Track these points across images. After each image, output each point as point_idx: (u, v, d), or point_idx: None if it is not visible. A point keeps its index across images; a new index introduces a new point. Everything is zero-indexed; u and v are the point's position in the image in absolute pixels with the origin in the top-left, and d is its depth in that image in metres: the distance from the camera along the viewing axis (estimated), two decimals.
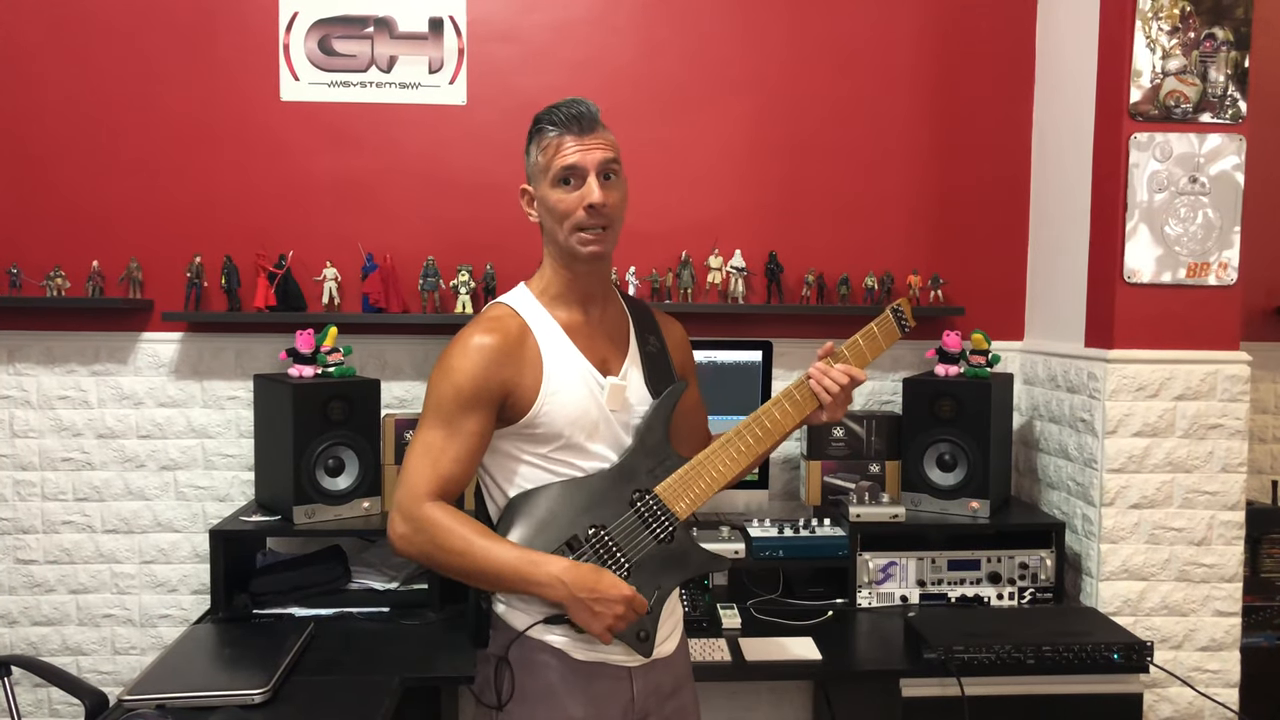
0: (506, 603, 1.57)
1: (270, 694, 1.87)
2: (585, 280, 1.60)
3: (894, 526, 2.46)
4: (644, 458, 1.58)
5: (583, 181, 1.52)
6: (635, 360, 1.64)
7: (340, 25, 2.72)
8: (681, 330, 1.78)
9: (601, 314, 1.63)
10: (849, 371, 1.62)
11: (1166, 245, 2.35)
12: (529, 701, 1.55)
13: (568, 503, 1.53)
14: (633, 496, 1.56)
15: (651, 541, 1.55)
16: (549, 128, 1.54)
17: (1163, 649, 2.37)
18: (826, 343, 1.66)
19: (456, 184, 2.75)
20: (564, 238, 1.54)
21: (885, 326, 1.70)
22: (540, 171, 1.55)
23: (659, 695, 1.62)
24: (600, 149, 1.52)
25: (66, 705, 2.73)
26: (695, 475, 1.59)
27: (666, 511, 1.57)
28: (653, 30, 2.77)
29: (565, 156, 1.51)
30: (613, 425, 1.58)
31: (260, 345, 2.73)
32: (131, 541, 2.74)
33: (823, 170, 2.83)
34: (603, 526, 1.54)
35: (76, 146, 2.68)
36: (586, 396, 1.55)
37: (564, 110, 1.53)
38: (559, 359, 1.55)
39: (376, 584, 2.50)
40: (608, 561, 1.52)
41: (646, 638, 1.54)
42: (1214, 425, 2.36)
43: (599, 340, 1.61)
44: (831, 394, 1.61)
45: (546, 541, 1.51)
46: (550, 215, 1.55)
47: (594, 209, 1.51)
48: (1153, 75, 2.34)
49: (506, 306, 1.59)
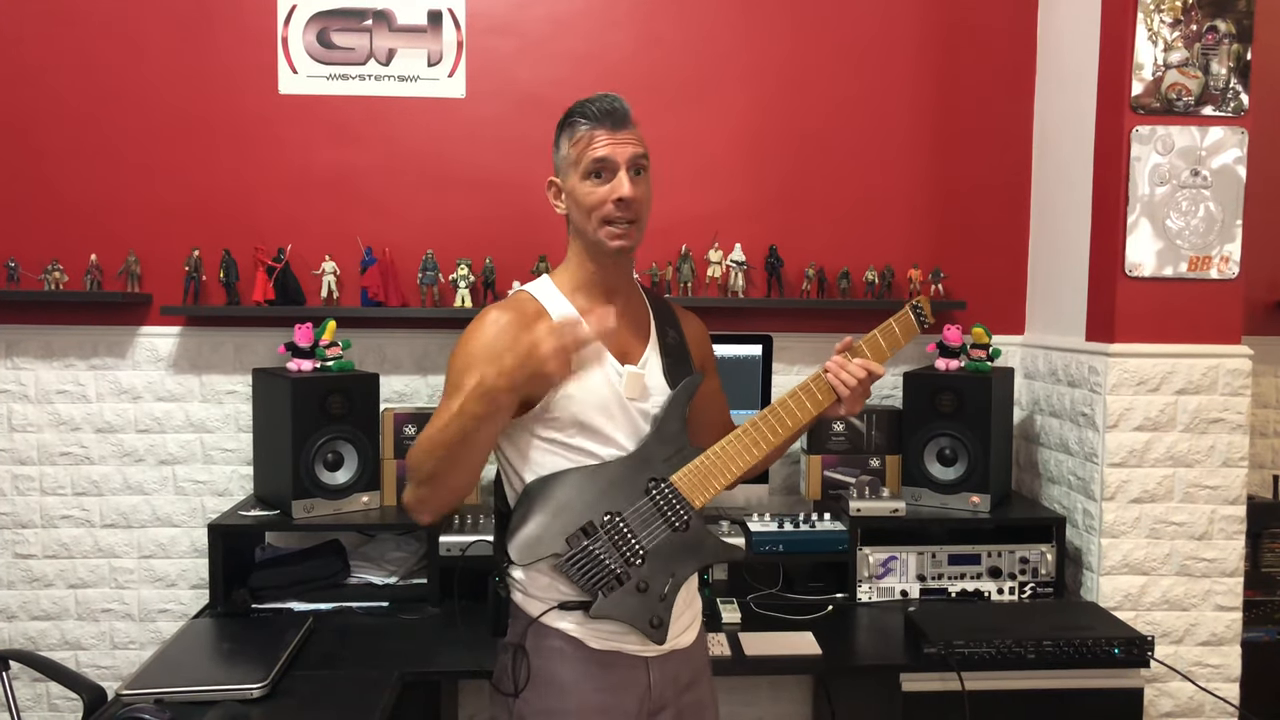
0: (522, 590, 1.58)
1: (269, 689, 1.86)
2: (610, 274, 1.61)
3: (894, 521, 2.45)
4: (661, 446, 1.59)
5: (613, 175, 1.53)
6: (655, 351, 1.65)
7: (339, 18, 2.71)
8: (701, 325, 1.79)
9: (624, 306, 1.63)
10: (867, 366, 1.63)
11: (1168, 239, 2.34)
12: (544, 689, 1.55)
13: (584, 489, 1.54)
14: (648, 485, 1.57)
15: (666, 529, 1.56)
16: (581, 121, 1.55)
17: (1163, 644, 2.37)
18: (845, 337, 1.67)
19: (455, 177, 2.74)
20: (592, 231, 1.55)
21: (904, 323, 1.69)
22: (570, 164, 1.56)
23: (676, 686, 1.62)
24: (631, 144, 1.54)
25: (65, 700, 2.73)
26: (711, 465, 1.60)
27: (682, 500, 1.58)
28: (653, 23, 2.76)
29: (596, 149, 1.52)
30: (630, 413, 1.58)
31: (259, 339, 2.72)
32: (130, 536, 2.73)
33: (823, 164, 2.82)
34: (618, 513, 1.54)
35: (74, 140, 2.67)
36: (604, 383, 1.56)
37: (597, 105, 1.54)
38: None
39: (375, 578, 2.49)
40: (622, 548, 1.53)
41: (660, 624, 1.55)
42: (1215, 419, 2.35)
43: (620, 330, 1.61)
44: (849, 387, 1.62)
45: (562, 527, 1.52)
46: (579, 208, 1.56)
47: (623, 203, 1.52)
48: (1154, 68, 2.33)
49: (526, 293, 1.62)
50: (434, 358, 2.77)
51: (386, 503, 2.53)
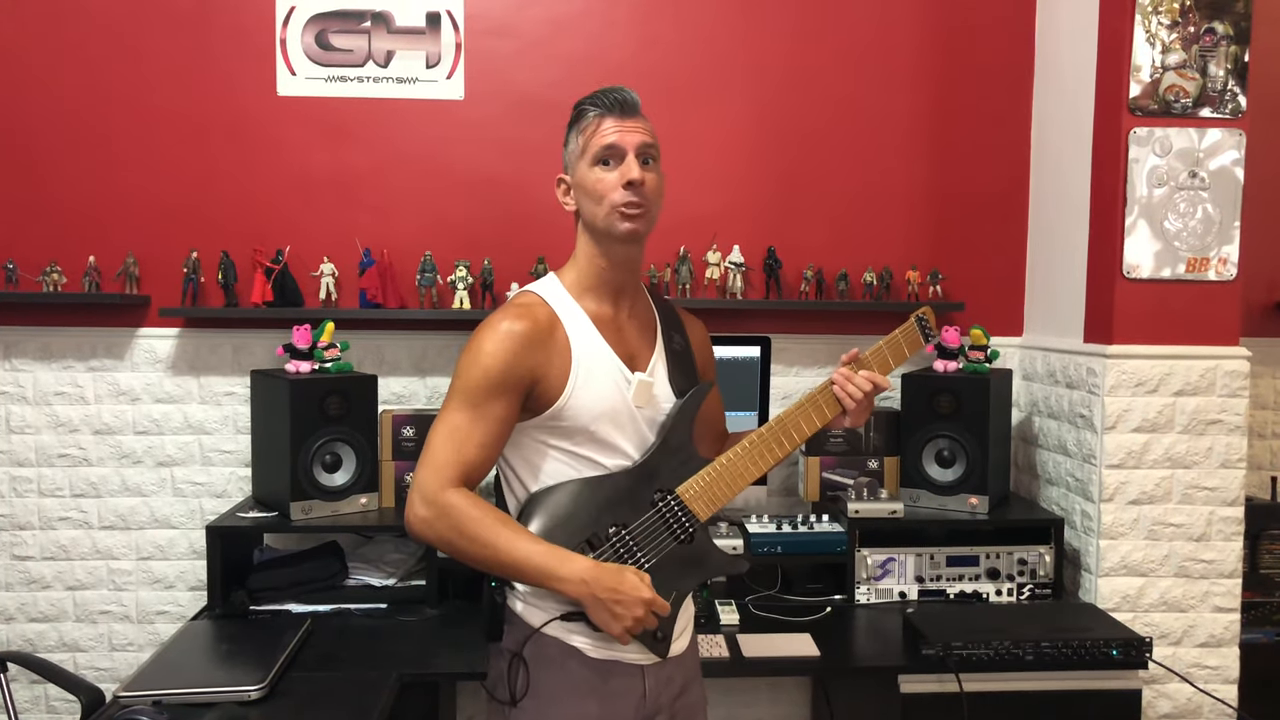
0: (523, 599, 1.56)
1: (267, 690, 1.86)
2: (618, 270, 1.58)
3: (893, 522, 2.45)
4: (667, 457, 1.57)
5: (621, 161, 1.52)
6: (661, 357, 1.63)
7: (337, 20, 2.71)
8: (704, 330, 1.78)
9: (631, 309, 1.62)
10: (872, 378, 1.62)
11: (1166, 240, 2.34)
12: (542, 698, 1.54)
13: (589, 500, 1.52)
14: (654, 496, 1.55)
15: (671, 542, 1.55)
16: (590, 109, 1.55)
17: (1162, 645, 2.37)
18: (852, 349, 1.66)
19: (454, 179, 2.74)
20: (602, 217, 1.53)
21: (909, 334, 1.69)
22: (579, 154, 1.55)
23: (670, 692, 1.61)
24: (640, 132, 1.53)
25: (63, 702, 2.73)
26: (718, 477, 1.58)
27: (687, 513, 1.56)
28: (651, 24, 2.76)
29: (605, 136, 1.52)
30: (638, 422, 1.56)
31: (257, 341, 2.72)
32: (128, 538, 2.73)
33: (822, 165, 2.82)
34: (624, 525, 1.53)
35: (73, 142, 2.67)
36: (613, 391, 1.54)
37: (606, 95, 1.55)
38: (588, 351, 1.54)
39: (374, 580, 2.49)
40: (627, 561, 1.51)
41: (663, 638, 1.54)
42: (1213, 421, 2.35)
43: (628, 335, 1.60)
44: (855, 400, 1.61)
45: (566, 538, 1.49)
46: (588, 196, 1.54)
47: (632, 185, 1.50)
48: (1152, 70, 2.33)
49: (535, 295, 1.57)
50: (432, 359, 2.77)
51: (385, 504, 2.53)
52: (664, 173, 1.60)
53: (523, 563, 1.44)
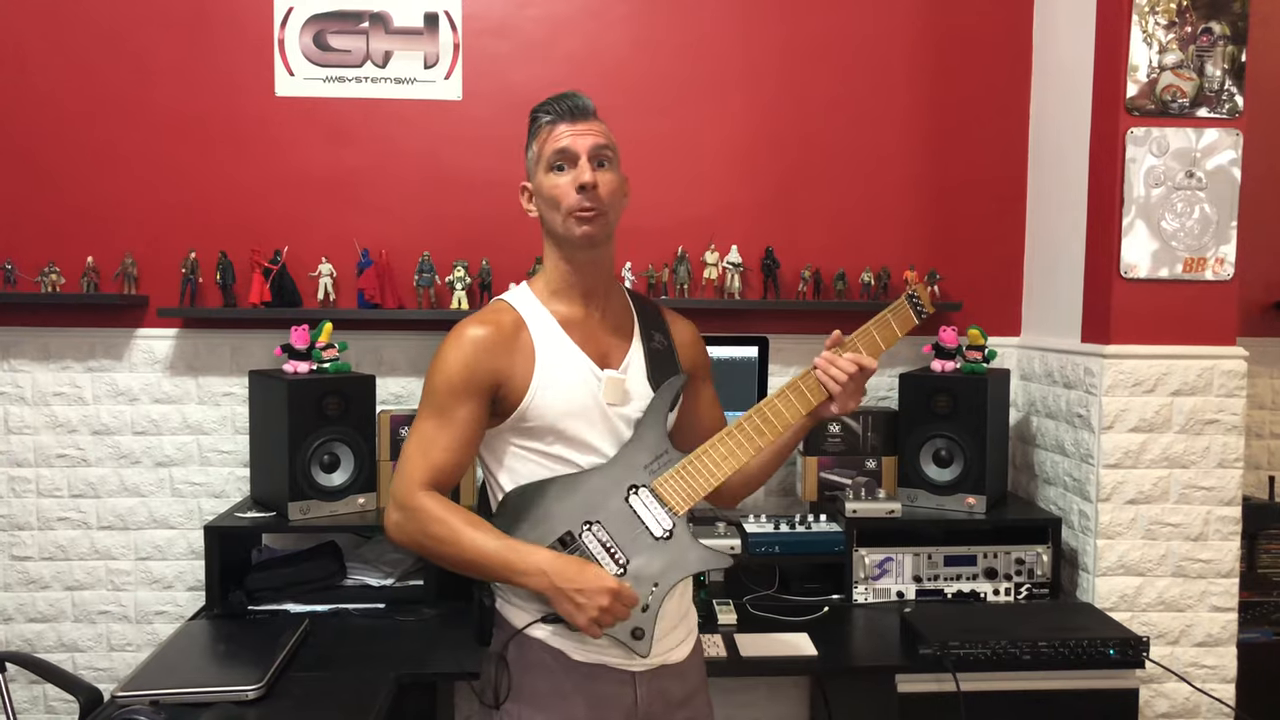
0: (505, 599, 1.56)
1: (264, 690, 1.86)
2: (586, 272, 1.58)
3: (890, 522, 2.45)
4: (641, 452, 1.56)
5: (575, 165, 1.52)
6: (638, 355, 1.62)
7: (335, 20, 2.71)
8: (692, 330, 1.75)
9: (603, 309, 1.61)
10: (857, 360, 1.57)
11: (1163, 240, 2.35)
12: (526, 701, 1.53)
13: (562, 498, 1.52)
14: (628, 492, 1.55)
15: (648, 537, 1.53)
16: (543, 116, 1.56)
17: (1159, 644, 2.37)
18: (834, 332, 1.62)
19: (452, 179, 2.75)
20: (560, 223, 1.53)
21: (900, 313, 1.65)
22: (535, 162, 1.57)
23: (666, 703, 1.59)
24: (592, 135, 1.53)
25: (61, 702, 2.73)
26: (694, 470, 1.56)
27: (664, 507, 1.55)
28: (649, 25, 2.77)
29: (558, 141, 1.52)
30: (610, 419, 1.56)
31: (255, 341, 2.72)
32: (127, 538, 2.73)
33: (819, 165, 2.82)
34: (597, 522, 1.52)
35: (71, 142, 2.67)
36: (581, 389, 1.54)
37: (559, 102, 1.55)
38: (552, 352, 1.54)
39: (372, 580, 2.49)
40: (602, 557, 1.51)
41: (642, 635, 1.51)
42: (1211, 420, 2.36)
43: (600, 334, 1.59)
44: (839, 383, 1.56)
45: (540, 538, 1.50)
46: (546, 203, 1.55)
47: (585, 189, 1.50)
48: (1149, 70, 2.33)
49: (504, 302, 1.60)
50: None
51: (383, 504, 2.53)
52: (661, 174, 1.60)
53: (485, 559, 1.45)
